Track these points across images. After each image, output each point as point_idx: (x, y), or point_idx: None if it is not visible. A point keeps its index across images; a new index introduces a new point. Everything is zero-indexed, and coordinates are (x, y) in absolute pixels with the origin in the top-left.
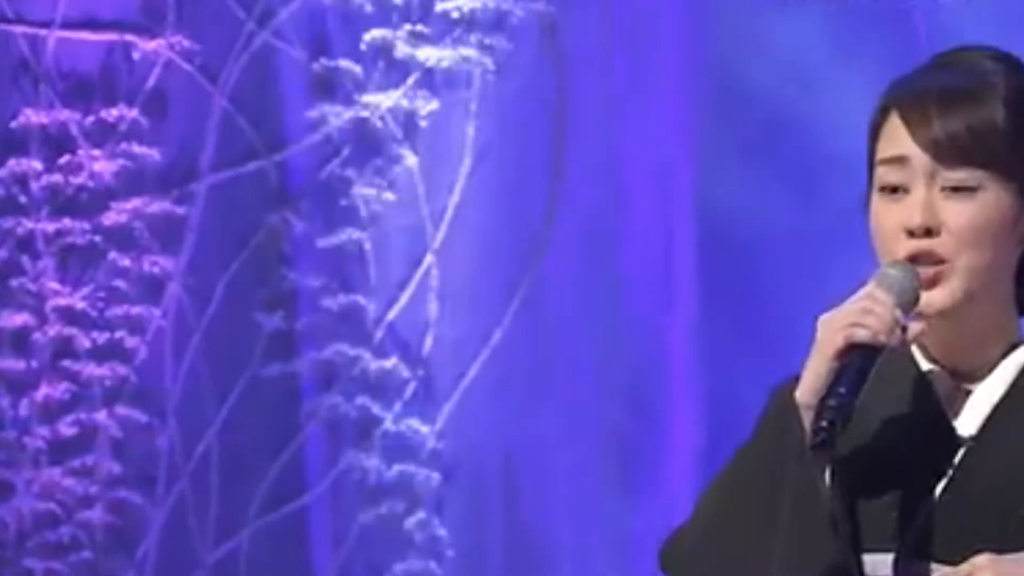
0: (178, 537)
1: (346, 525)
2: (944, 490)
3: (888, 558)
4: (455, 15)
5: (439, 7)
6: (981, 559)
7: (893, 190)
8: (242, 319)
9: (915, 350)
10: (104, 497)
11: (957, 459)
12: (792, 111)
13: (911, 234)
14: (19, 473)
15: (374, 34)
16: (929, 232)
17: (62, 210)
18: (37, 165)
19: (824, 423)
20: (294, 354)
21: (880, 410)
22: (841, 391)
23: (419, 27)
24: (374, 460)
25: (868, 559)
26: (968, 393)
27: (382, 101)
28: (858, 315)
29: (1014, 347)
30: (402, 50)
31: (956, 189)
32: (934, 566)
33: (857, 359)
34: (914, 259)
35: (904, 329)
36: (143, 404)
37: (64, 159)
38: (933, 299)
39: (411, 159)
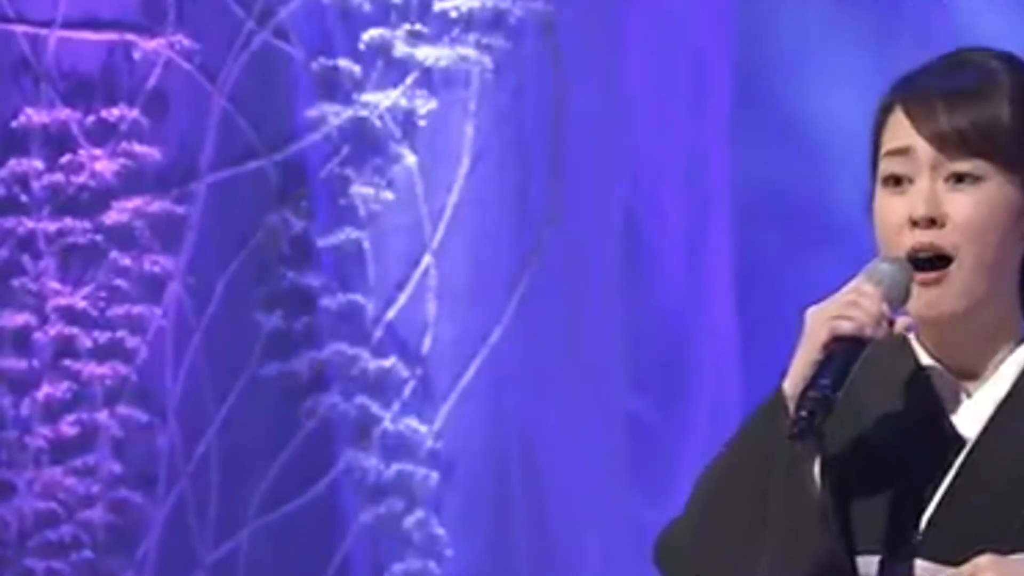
0: (178, 537)
1: (345, 524)
2: (946, 491)
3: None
4: (453, 14)
5: (437, 6)
6: (984, 559)
7: (897, 181)
8: (242, 318)
9: (916, 347)
10: (105, 496)
11: (959, 460)
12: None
13: (915, 224)
14: (20, 473)
15: (373, 33)
16: (933, 222)
17: (63, 209)
18: (38, 164)
19: (804, 413)
20: (293, 353)
21: (879, 406)
22: (822, 382)
23: (418, 26)
24: (373, 459)
25: (861, 560)
26: (969, 392)
27: (381, 100)
28: (843, 307)
29: (1017, 346)
30: (401, 49)
31: (960, 179)
32: (935, 567)
33: (841, 351)
34: (918, 251)
35: (891, 323)
36: (144, 404)
37: (65, 158)
38: (938, 300)
39: (410, 158)
